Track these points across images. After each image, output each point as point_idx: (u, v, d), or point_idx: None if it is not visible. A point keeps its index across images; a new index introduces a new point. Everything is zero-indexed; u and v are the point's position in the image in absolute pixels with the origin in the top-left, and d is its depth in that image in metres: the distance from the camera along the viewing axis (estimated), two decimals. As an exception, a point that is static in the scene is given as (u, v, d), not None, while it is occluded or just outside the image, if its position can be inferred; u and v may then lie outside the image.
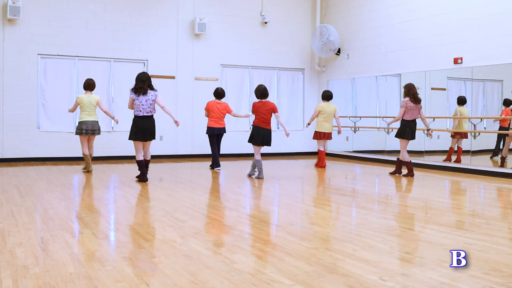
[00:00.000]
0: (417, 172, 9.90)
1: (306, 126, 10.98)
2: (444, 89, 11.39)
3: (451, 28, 10.22)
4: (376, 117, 12.46)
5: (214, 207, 6.29)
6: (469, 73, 10.16)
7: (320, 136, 10.67)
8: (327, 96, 10.78)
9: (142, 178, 8.12)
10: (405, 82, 9.22)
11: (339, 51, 13.25)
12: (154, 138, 8.15)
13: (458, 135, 10.49)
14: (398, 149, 9.20)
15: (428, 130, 9.07)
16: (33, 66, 11.19)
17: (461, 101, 10.46)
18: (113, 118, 9.26)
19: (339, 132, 10.76)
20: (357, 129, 12.84)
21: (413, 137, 8.94)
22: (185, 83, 12.65)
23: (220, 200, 6.96)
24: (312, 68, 14.19)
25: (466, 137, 10.31)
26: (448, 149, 10.68)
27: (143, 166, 8.12)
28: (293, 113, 14.08)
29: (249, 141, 8.64)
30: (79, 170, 9.57)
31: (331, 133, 10.74)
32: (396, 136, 9.06)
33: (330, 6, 13.72)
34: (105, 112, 9.29)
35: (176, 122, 8.28)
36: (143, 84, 7.84)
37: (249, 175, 8.85)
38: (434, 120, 10.62)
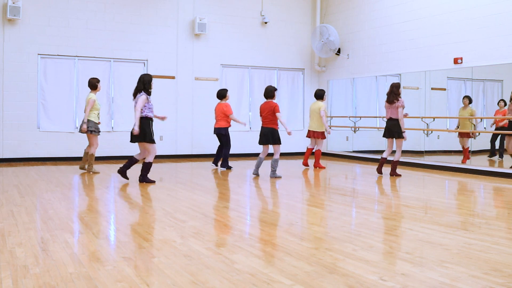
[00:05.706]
0: (417, 172, 9.90)
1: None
2: (444, 89, 11.38)
3: (451, 28, 10.22)
4: (376, 117, 12.46)
5: (214, 207, 6.29)
6: (469, 73, 10.16)
7: (308, 134, 10.70)
8: (315, 94, 10.72)
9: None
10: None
11: (339, 51, 13.25)
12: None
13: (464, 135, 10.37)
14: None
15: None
16: (33, 66, 11.19)
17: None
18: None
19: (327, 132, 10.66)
20: (357, 129, 12.84)
21: (385, 135, 9.05)
22: (185, 83, 12.65)
23: (220, 200, 6.96)
24: (312, 68, 14.19)
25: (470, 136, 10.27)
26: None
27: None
28: (293, 113, 14.08)
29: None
30: (79, 170, 9.57)
31: (320, 132, 10.46)
32: None
33: (330, 6, 13.72)
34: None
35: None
36: None
37: (275, 176, 8.88)
38: (434, 120, 10.62)
